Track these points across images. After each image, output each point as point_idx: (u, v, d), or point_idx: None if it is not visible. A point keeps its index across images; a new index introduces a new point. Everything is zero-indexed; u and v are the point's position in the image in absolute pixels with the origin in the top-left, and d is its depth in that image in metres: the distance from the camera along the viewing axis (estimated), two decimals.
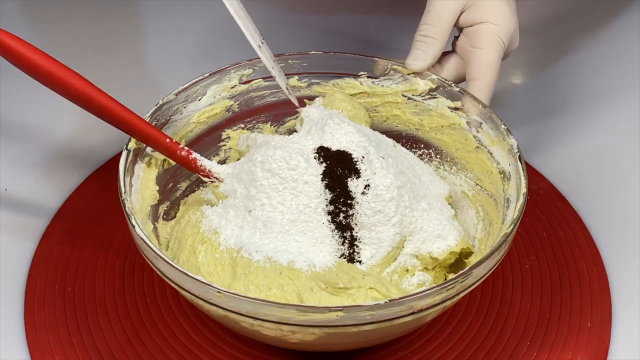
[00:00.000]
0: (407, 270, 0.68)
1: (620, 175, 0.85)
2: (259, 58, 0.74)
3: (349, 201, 0.66)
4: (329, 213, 0.66)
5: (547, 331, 0.70)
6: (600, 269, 0.75)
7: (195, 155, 0.69)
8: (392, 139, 0.76)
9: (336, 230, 0.66)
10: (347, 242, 0.67)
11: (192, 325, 0.70)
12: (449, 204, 0.74)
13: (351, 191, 0.66)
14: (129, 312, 0.71)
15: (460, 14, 0.74)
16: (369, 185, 0.66)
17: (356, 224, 0.66)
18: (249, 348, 0.68)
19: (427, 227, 0.68)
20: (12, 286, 0.73)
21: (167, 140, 0.67)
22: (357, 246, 0.67)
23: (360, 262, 0.67)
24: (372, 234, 0.67)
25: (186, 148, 0.68)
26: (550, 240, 0.77)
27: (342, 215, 0.66)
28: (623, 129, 0.91)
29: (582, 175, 0.85)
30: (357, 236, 0.67)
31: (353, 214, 0.66)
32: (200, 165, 0.69)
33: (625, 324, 0.71)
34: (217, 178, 0.69)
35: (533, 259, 0.75)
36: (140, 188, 0.68)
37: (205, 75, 0.74)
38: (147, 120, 0.68)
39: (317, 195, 0.66)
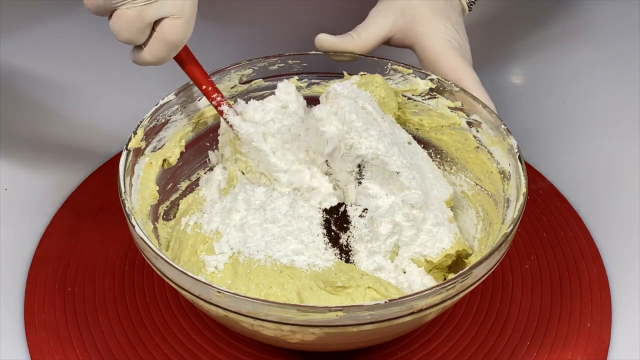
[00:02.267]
0: (405, 272, 0.69)
1: (620, 175, 0.85)
2: (259, 58, 0.74)
3: (345, 224, 0.67)
4: (325, 227, 0.67)
5: (547, 331, 0.70)
6: (600, 269, 0.75)
7: (224, 108, 0.70)
8: (409, 135, 0.75)
9: (330, 244, 0.67)
10: (343, 249, 0.67)
11: (192, 325, 0.70)
12: (451, 206, 0.74)
13: (349, 215, 0.67)
14: (129, 312, 0.71)
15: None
16: (367, 209, 0.67)
17: (349, 244, 0.67)
18: (249, 348, 0.68)
19: (421, 233, 0.68)
20: (12, 286, 0.73)
21: (204, 87, 0.69)
22: (350, 256, 0.67)
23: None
24: (364, 247, 0.67)
25: (220, 97, 0.70)
26: (550, 240, 0.77)
27: (333, 233, 0.67)
28: (623, 129, 0.91)
29: (582, 175, 0.85)
30: (351, 247, 0.67)
31: (348, 236, 0.67)
32: (226, 119, 0.71)
33: (625, 324, 0.71)
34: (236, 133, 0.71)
35: (533, 259, 0.75)
36: (140, 188, 0.68)
37: None
38: (147, 120, 0.69)
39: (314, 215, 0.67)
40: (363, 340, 0.62)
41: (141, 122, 0.69)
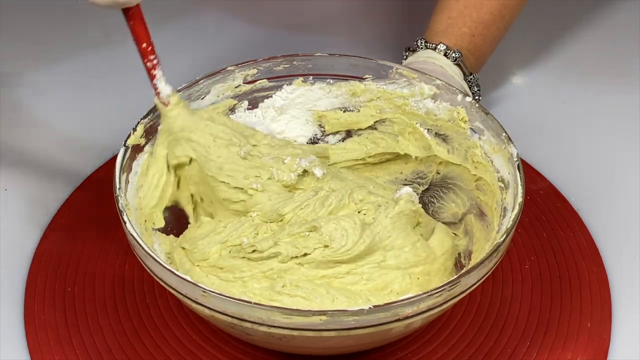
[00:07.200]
0: None
1: (620, 175, 0.85)
2: (264, 58, 0.74)
3: None
4: None
5: (547, 331, 0.70)
6: (600, 269, 0.75)
7: (158, 72, 0.67)
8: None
9: None
10: None
11: (192, 325, 0.70)
12: None
13: None
14: (129, 312, 0.71)
15: None
16: None
17: None
18: (249, 348, 0.68)
19: None
20: (12, 286, 0.73)
21: (144, 45, 0.65)
22: None
23: None
24: None
25: (155, 62, 0.66)
26: (550, 240, 0.77)
27: None
28: (623, 129, 0.91)
29: (582, 175, 0.85)
30: None
31: None
32: (155, 84, 0.67)
33: (625, 324, 0.71)
34: (163, 102, 0.68)
35: (533, 259, 0.75)
36: (136, 185, 0.67)
37: (209, 74, 0.73)
38: (149, 118, 0.69)
39: None
40: (355, 344, 0.62)
41: (141, 119, 0.68)
